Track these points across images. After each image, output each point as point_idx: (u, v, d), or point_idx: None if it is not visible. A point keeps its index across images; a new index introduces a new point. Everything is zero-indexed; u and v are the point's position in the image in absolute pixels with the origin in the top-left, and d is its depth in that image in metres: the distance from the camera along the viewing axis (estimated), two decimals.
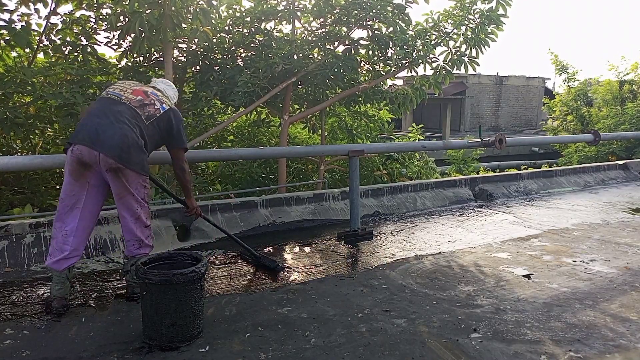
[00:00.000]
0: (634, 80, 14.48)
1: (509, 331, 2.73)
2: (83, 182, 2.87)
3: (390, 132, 9.24)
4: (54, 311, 2.89)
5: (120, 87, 3.11)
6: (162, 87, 3.33)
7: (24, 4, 5.81)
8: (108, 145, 2.80)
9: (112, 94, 3.04)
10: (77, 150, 2.81)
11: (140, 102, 3.03)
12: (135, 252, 3.05)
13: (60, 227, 2.89)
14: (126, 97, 3.02)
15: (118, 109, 2.94)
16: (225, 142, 8.86)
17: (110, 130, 2.83)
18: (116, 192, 2.93)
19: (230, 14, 6.84)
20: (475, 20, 6.57)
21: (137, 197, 2.96)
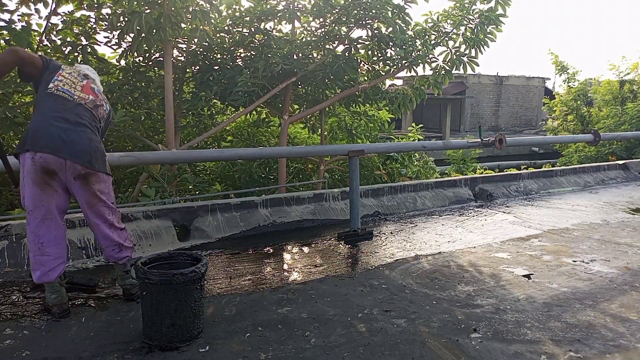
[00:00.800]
0: (635, 80, 14.49)
1: (509, 331, 2.73)
2: (50, 191, 2.73)
3: (390, 132, 9.25)
4: (56, 316, 2.85)
5: (69, 80, 2.88)
6: (93, 76, 3.10)
7: (24, 4, 5.82)
8: (76, 151, 2.69)
9: (63, 90, 2.82)
10: (40, 158, 2.64)
11: (93, 103, 2.94)
12: (117, 257, 3.01)
13: (34, 239, 2.75)
14: (79, 97, 2.87)
15: (77, 111, 2.81)
16: (224, 142, 8.87)
17: (75, 135, 2.72)
18: (86, 201, 2.83)
19: (230, 13, 6.84)
20: (474, 20, 6.58)
21: (107, 202, 2.90)
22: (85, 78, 3.00)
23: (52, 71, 2.87)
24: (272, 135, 8.98)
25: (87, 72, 3.07)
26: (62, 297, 2.88)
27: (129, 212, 4.26)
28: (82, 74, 3.01)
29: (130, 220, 4.20)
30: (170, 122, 5.89)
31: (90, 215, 2.90)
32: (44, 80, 2.84)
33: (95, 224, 2.92)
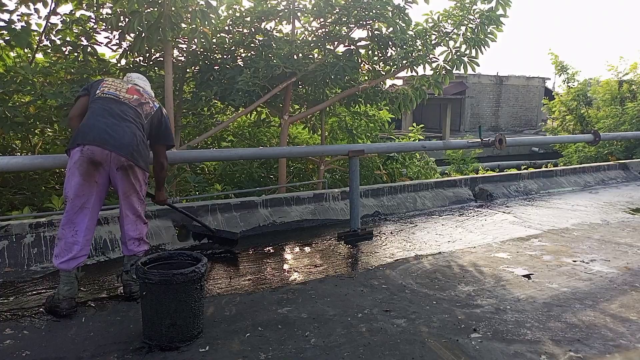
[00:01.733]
0: (633, 80, 14.49)
1: (509, 331, 2.73)
2: (92, 182, 2.92)
3: (390, 132, 9.24)
4: (63, 312, 2.87)
5: (112, 86, 3.16)
6: (141, 84, 3.37)
7: (24, 4, 5.81)
8: (120, 144, 2.91)
9: (109, 93, 3.10)
10: (88, 150, 2.87)
11: (138, 101, 3.16)
12: (136, 250, 3.15)
13: (70, 227, 2.91)
14: (124, 97, 3.12)
15: (121, 108, 3.05)
16: (225, 142, 8.87)
17: (120, 129, 2.95)
18: (123, 191, 3.03)
19: (230, 13, 6.83)
20: (475, 20, 6.57)
21: (141, 194, 3.11)
22: (130, 83, 3.26)
23: (96, 86, 3.17)
24: (273, 135, 8.98)
25: (135, 81, 3.35)
26: (74, 291, 2.96)
27: None
28: (129, 80, 3.31)
29: None
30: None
31: (123, 206, 3.09)
32: (92, 95, 3.14)
33: (125, 215, 3.10)
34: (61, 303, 2.89)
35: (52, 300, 2.93)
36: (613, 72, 14.72)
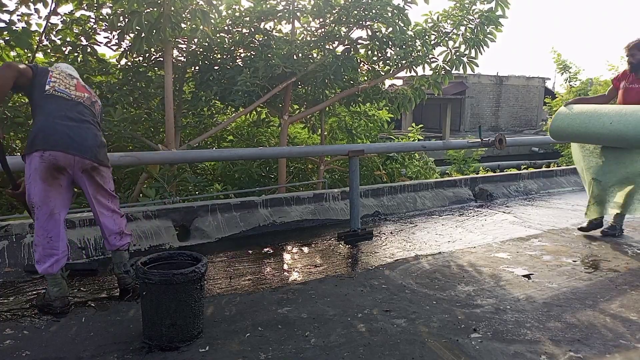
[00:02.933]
0: None
1: (508, 331, 2.73)
2: (57, 186, 2.89)
3: (390, 132, 9.25)
4: (57, 311, 2.90)
5: (59, 81, 2.99)
6: (76, 74, 3.23)
7: (24, 4, 5.82)
8: (83, 147, 2.88)
9: (60, 91, 2.95)
10: (50, 156, 2.79)
11: (90, 99, 3.12)
12: (118, 244, 3.16)
13: (43, 234, 2.88)
14: (76, 95, 3.03)
15: (78, 109, 2.98)
16: (224, 142, 8.87)
17: (82, 132, 2.91)
18: (91, 192, 3.02)
19: (230, 13, 6.84)
20: (474, 20, 6.58)
21: (109, 190, 3.11)
22: (71, 78, 3.13)
23: (43, 75, 2.97)
24: (272, 135, 8.98)
25: (70, 72, 3.19)
26: (64, 290, 2.98)
27: (129, 212, 4.26)
28: (67, 74, 3.13)
29: (130, 220, 4.20)
30: (170, 122, 5.89)
31: (95, 205, 3.08)
32: (37, 85, 2.93)
33: (99, 212, 3.10)
34: (54, 302, 2.93)
35: (44, 299, 2.96)
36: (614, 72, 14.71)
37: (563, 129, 4.61)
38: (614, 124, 4.10)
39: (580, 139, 4.55)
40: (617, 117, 4.11)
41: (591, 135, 4.34)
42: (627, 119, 4.03)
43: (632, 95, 4.34)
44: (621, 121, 4.06)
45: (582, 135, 4.45)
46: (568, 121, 4.55)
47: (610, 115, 4.19)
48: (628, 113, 4.08)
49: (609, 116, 4.18)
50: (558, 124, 4.67)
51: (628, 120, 4.02)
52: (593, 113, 4.35)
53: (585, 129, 4.35)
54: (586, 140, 4.53)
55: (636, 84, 4.35)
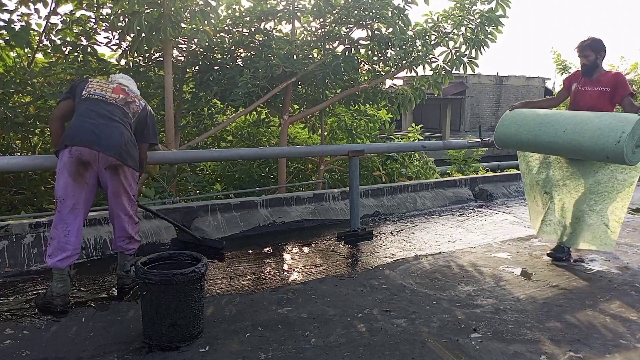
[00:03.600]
0: (634, 80, 14.48)
1: (509, 331, 2.73)
2: (82, 182, 2.96)
3: (390, 132, 9.25)
4: (57, 309, 2.92)
5: (97, 86, 3.17)
6: (126, 82, 3.38)
7: (23, 4, 5.81)
8: (107, 144, 2.95)
9: (95, 94, 3.11)
10: (76, 151, 2.91)
11: (124, 100, 3.18)
12: (125, 248, 3.24)
13: (62, 227, 2.95)
14: (110, 97, 3.13)
15: (109, 108, 3.07)
16: (224, 142, 8.87)
17: (108, 129, 2.99)
18: (113, 191, 3.07)
19: (230, 13, 6.83)
20: (474, 20, 6.57)
21: (130, 194, 3.15)
22: (114, 83, 3.26)
23: (82, 85, 3.17)
24: (272, 135, 8.97)
25: (120, 81, 3.35)
26: (68, 288, 3.02)
27: None
28: (114, 81, 3.31)
29: None
30: (170, 122, 5.88)
31: (113, 206, 3.14)
32: (78, 94, 3.14)
33: (116, 214, 3.17)
34: (55, 300, 2.94)
35: (44, 297, 2.98)
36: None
37: (509, 136, 4.05)
38: (568, 133, 3.59)
39: (530, 147, 4.02)
40: (572, 125, 3.59)
41: (542, 144, 3.80)
42: (583, 128, 3.52)
43: (586, 99, 3.86)
44: (576, 129, 3.55)
45: (531, 144, 3.91)
46: (515, 127, 3.99)
47: (564, 122, 3.67)
48: (584, 120, 3.58)
49: (562, 123, 3.67)
50: (504, 130, 4.10)
51: (584, 129, 3.51)
52: (544, 119, 3.81)
53: (535, 137, 3.81)
54: (536, 150, 4.00)
55: (589, 87, 3.87)
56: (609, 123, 3.41)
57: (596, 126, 3.46)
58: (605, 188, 3.76)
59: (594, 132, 3.44)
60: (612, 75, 3.83)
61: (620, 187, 3.72)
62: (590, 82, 3.88)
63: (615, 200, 3.75)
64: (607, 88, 3.77)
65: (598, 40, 3.86)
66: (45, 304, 2.95)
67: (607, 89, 3.77)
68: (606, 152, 3.38)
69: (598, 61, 3.83)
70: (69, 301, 3.00)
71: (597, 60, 3.82)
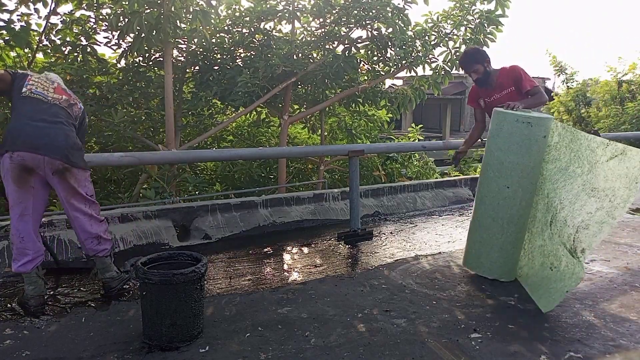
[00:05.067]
0: (632, 80, 14.48)
1: (509, 331, 2.72)
2: (27, 187, 2.86)
3: (390, 132, 9.25)
4: (32, 309, 2.92)
5: (40, 84, 3.01)
6: (61, 82, 3.23)
7: (23, 4, 5.81)
8: (52, 147, 2.81)
9: (37, 93, 2.95)
10: (18, 157, 2.76)
11: (67, 102, 3.06)
12: (96, 249, 3.11)
13: (16, 234, 2.90)
14: (53, 97, 2.99)
15: (52, 110, 2.93)
16: (224, 142, 8.87)
17: (52, 132, 2.85)
18: (64, 195, 2.95)
19: (230, 13, 6.84)
20: (474, 21, 6.58)
21: (85, 195, 3.01)
22: (52, 82, 3.12)
23: (21, 78, 2.99)
24: (272, 135, 8.98)
25: (55, 79, 3.19)
26: (40, 289, 2.99)
27: (129, 212, 4.27)
28: (50, 79, 3.14)
29: (130, 220, 4.20)
30: (170, 122, 5.89)
31: (69, 208, 3.01)
32: (15, 88, 2.96)
33: (74, 216, 3.02)
34: (29, 301, 2.95)
35: (21, 297, 3.00)
36: (612, 73, 14.71)
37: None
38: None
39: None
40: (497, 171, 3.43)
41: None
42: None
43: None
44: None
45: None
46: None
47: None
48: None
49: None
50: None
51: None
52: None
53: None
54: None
55: (496, 95, 3.74)
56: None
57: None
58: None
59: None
60: (507, 72, 3.71)
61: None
62: (493, 90, 3.75)
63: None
64: (510, 88, 3.69)
65: (475, 50, 3.81)
66: (23, 303, 2.97)
67: (511, 88, 3.69)
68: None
69: (488, 69, 3.70)
70: (43, 301, 2.99)
71: (487, 68, 3.70)
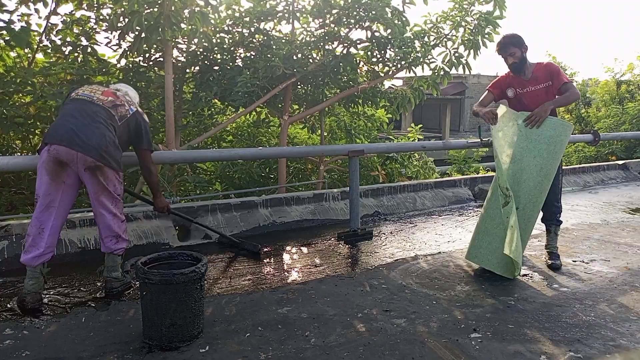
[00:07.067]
0: (631, 80, 14.49)
1: (509, 331, 2.73)
2: (59, 181, 2.95)
3: (389, 132, 9.25)
4: (28, 306, 2.92)
5: (90, 88, 3.19)
6: (124, 89, 3.40)
7: (24, 4, 5.82)
8: (87, 144, 2.90)
9: (83, 95, 3.11)
10: (54, 150, 2.88)
11: (112, 102, 3.14)
12: (113, 248, 3.17)
13: (37, 225, 2.96)
14: (98, 98, 3.11)
15: (93, 109, 3.04)
16: (224, 142, 8.87)
17: (88, 130, 2.94)
18: (93, 191, 3.03)
19: (230, 14, 6.84)
20: (473, 22, 6.59)
21: (114, 193, 3.09)
22: (108, 87, 3.28)
23: (75, 88, 3.22)
24: (272, 135, 8.98)
25: (116, 86, 3.38)
26: (39, 286, 3.01)
27: (129, 212, 4.26)
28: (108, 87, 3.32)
29: (130, 220, 4.20)
30: (170, 122, 5.89)
31: (96, 206, 3.09)
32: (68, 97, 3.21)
33: (99, 213, 3.10)
34: (26, 297, 2.95)
35: (20, 293, 3.00)
36: (610, 74, 14.72)
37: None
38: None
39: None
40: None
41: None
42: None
43: (534, 99, 3.68)
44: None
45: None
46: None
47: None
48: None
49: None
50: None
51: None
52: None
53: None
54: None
55: (531, 87, 3.71)
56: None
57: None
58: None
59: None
60: (544, 67, 3.72)
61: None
62: (529, 81, 3.71)
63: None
64: (547, 82, 3.69)
65: (514, 34, 3.70)
66: (20, 300, 2.96)
67: (548, 82, 3.69)
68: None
69: (524, 55, 3.69)
70: (40, 299, 3.00)
71: (524, 54, 3.68)
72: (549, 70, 3.70)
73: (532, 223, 3.67)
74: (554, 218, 3.98)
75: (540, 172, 3.51)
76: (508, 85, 3.85)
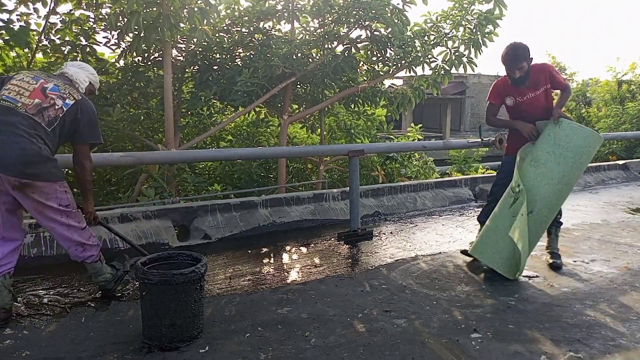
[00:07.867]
0: (632, 80, 14.49)
1: (509, 331, 2.72)
2: None
3: (389, 131, 9.25)
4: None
5: (18, 87, 2.77)
6: (72, 71, 3.00)
7: (23, 4, 5.81)
8: (5, 163, 2.60)
9: (7, 99, 2.71)
10: None
11: (37, 107, 2.73)
12: (82, 256, 3.00)
13: None
14: (22, 104, 2.71)
15: (12, 120, 2.66)
16: (224, 142, 8.87)
17: (6, 146, 2.61)
18: (32, 209, 2.77)
19: (229, 13, 6.84)
20: (473, 21, 6.58)
21: (59, 207, 2.80)
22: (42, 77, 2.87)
23: (3, 82, 2.83)
24: (272, 135, 8.98)
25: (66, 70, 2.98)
26: (3, 300, 2.79)
27: (129, 212, 4.26)
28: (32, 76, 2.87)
29: (130, 220, 4.20)
30: (169, 122, 5.88)
31: (42, 220, 2.86)
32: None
33: (50, 227, 2.88)
34: None
35: None
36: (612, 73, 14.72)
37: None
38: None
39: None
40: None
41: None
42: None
43: (536, 105, 3.68)
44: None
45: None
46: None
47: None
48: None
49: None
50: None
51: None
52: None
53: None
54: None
55: (531, 93, 3.67)
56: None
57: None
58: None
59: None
60: (541, 69, 3.65)
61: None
62: (528, 89, 3.66)
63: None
64: (546, 85, 3.65)
65: (524, 45, 3.61)
66: None
67: (547, 85, 3.65)
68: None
69: (529, 66, 3.61)
70: (8, 315, 2.80)
71: (529, 66, 3.60)
72: (547, 72, 3.67)
73: (543, 228, 3.67)
74: (555, 219, 3.98)
75: (562, 179, 3.47)
76: (507, 94, 3.81)
